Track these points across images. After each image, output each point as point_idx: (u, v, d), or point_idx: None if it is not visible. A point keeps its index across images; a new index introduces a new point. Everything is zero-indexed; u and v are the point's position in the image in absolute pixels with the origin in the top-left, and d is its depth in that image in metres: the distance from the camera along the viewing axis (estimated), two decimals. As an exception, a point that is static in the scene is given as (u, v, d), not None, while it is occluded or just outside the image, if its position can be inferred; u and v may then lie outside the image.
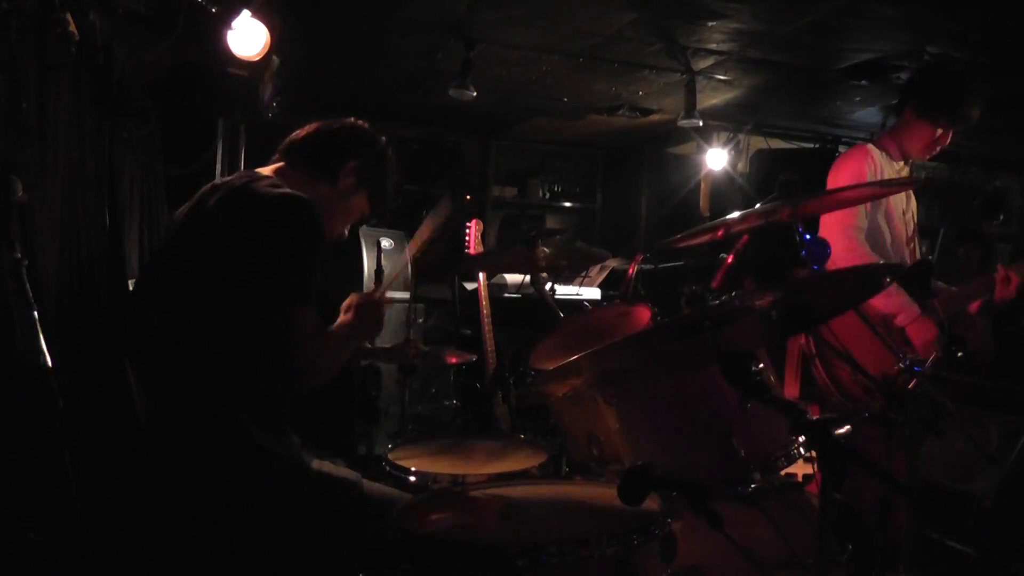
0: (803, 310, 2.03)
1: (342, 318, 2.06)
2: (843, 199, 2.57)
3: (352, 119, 2.20)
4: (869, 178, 2.99)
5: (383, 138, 2.21)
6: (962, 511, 3.15)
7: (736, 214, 2.13)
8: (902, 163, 3.14)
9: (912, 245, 3.20)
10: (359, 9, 3.87)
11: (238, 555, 1.81)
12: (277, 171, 2.07)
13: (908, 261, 3.16)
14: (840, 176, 3.05)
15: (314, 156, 2.10)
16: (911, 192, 3.26)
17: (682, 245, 2.27)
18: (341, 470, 2.04)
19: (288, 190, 1.90)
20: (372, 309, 2.07)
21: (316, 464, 2.00)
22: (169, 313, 1.93)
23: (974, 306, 3.09)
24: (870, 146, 3.14)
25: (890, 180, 3.04)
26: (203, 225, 1.94)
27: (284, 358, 1.83)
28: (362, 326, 2.05)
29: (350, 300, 2.10)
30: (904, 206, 3.19)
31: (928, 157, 3.15)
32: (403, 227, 5.36)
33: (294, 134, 2.16)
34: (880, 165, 3.04)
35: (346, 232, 2.21)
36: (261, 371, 1.87)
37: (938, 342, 2.89)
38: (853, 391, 2.79)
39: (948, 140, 3.06)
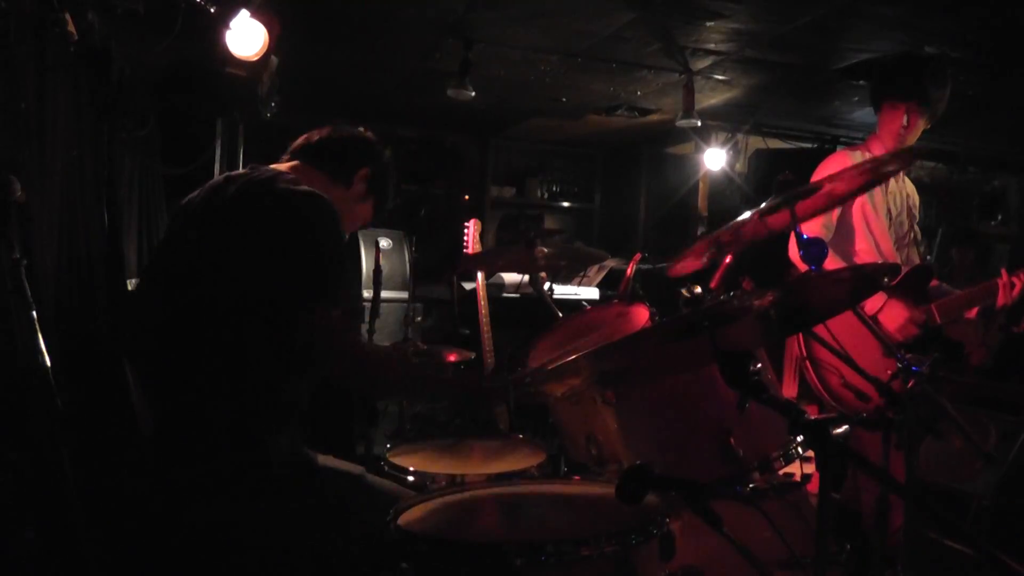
0: (801, 310, 2.03)
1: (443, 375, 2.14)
2: (836, 193, 2.56)
3: (362, 128, 2.24)
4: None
5: (388, 149, 2.26)
6: (961, 511, 3.15)
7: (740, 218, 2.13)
8: None
9: (907, 250, 3.18)
10: (358, 9, 3.87)
11: (239, 554, 1.81)
12: (293, 169, 2.06)
13: (904, 259, 3.15)
14: None
15: (333, 158, 2.13)
16: (909, 191, 3.25)
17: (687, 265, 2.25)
18: (345, 464, 2.05)
19: (314, 189, 1.92)
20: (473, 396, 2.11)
21: (320, 460, 2.00)
22: (177, 310, 1.89)
23: (972, 311, 3.06)
24: (849, 152, 3.12)
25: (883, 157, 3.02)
26: (221, 219, 1.92)
27: (305, 354, 1.84)
28: (446, 395, 2.15)
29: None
30: (899, 205, 3.17)
31: (897, 146, 3.11)
32: (402, 227, 5.37)
33: (308, 135, 2.18)
34: None
35: (347, 236, 2.22)
36: (272, 367, 1.86)
37: (913, 322, 2.88)
38: (842, 395, 2.78)
39: (917, 125, 3.03)
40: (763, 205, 1.97)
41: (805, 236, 2.05)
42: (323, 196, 1.91)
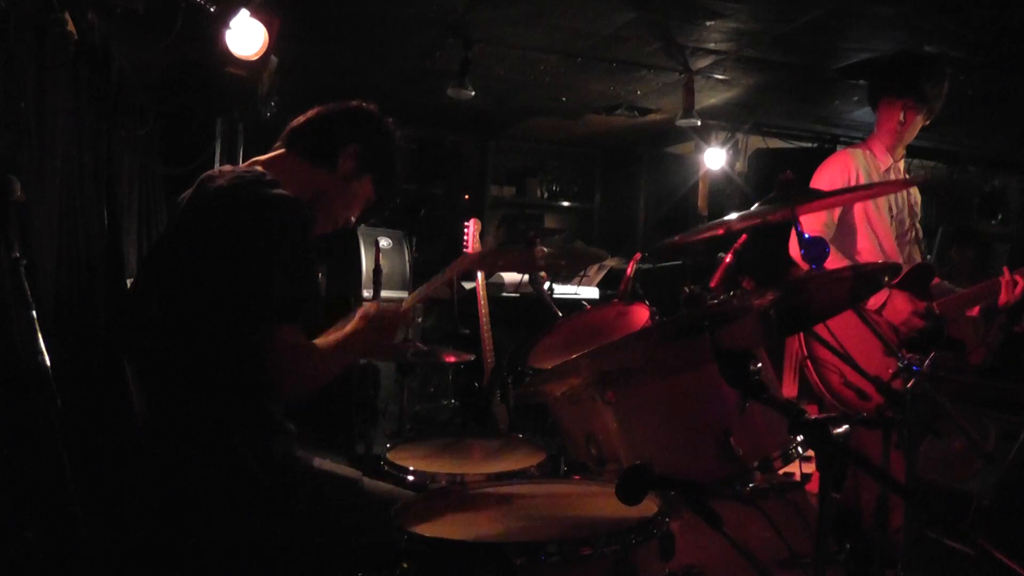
0: (801, 309, 2.03)
1: (351, 327, 1.96)
2: (837, 200, 2.58)
3: (356, 102, 2.14)
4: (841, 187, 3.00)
5: (389, 120, 2.15)
6: (960, 511, 3.16)
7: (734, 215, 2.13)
8: (892, 161, 3.13)
9: (909, 248, 3.18)
10: (357, 9, 3.87)
11: (237, 555, 1.81)
12: (276, 159, 2.04)
13: (905, 257, 3.15)
14: (816, 185, 3.05)
15: (312, 142, 2.06)
16: (910, 188, 3.26)
17: (680, 242, 2.27)
18: (342, 468, 2.03)
19: (277, 192, 1.85)
20: (383, 325, 1.97)
21: (317, 462, 1.99)
22: (165, 309, 1.90)
23: (974, 310, 3.06)
24: (850, 151, 3.14)
25: (889, 182, 3.05)
26: (197, 221, 1.91)
27: (261, 371, 1.77)
28: (366, 341, 1.96)
29: (366, 309, 2.00)
30: (900, 203, 3.18)
31: (896, 144, 3.13)
32: (402, 226, 5.37)
33: (295, 120, 2.11)
34: (858, 170, 3.03)
35: (353, 218, 2.16)
36: (247, 375, 1.85)
37: (917, 314, 2.88)
38: (844, 394, 2.79)
39: (914, 122, 3.05)
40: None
41: (807, 235, 2.05)
42: (287, 202, 1.83)
